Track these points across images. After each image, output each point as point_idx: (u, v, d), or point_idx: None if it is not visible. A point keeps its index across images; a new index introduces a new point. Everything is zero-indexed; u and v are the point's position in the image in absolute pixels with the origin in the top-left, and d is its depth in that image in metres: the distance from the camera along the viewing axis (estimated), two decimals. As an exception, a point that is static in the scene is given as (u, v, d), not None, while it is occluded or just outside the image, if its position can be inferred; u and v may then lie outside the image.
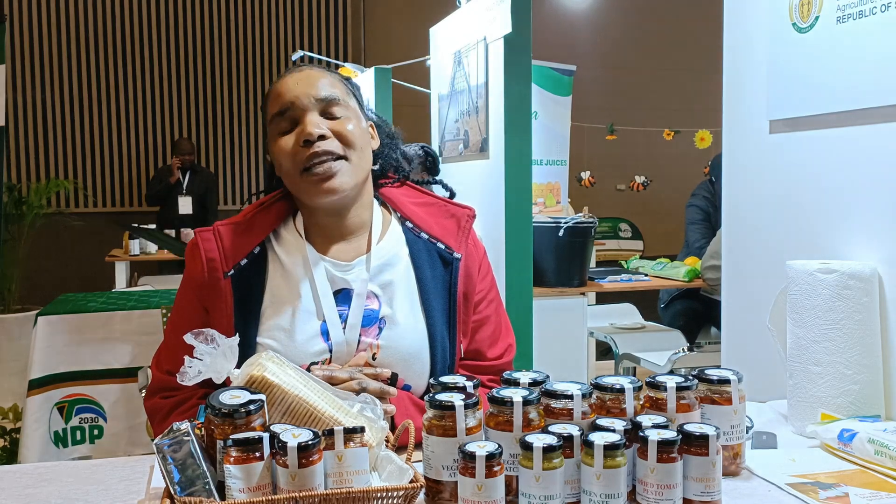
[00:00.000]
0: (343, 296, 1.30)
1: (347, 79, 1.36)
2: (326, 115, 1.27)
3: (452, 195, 1.47)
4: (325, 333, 1.27)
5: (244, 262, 1.29)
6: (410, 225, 1.37)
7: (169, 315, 1.37)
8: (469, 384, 1.08)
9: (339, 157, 1.25)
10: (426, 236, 1.36)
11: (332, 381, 1.17)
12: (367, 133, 1.33)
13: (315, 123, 1.24)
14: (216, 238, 1.30)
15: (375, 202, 1.38)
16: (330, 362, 1.26)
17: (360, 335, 1.28)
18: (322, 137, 1.24)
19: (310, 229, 1.33)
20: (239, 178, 7.38)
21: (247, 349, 1.23)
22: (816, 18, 1.62)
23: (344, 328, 1.28)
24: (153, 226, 5.66)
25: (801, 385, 1.38)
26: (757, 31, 1.83)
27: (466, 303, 1.35)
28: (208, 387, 1.19)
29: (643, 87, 7.78)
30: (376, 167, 1.39)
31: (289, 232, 1.34)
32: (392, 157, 1.41)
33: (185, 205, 6.33)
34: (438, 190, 1.50)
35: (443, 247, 1.35)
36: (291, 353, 1.24)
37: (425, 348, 1.30)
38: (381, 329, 1.29)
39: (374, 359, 1.27)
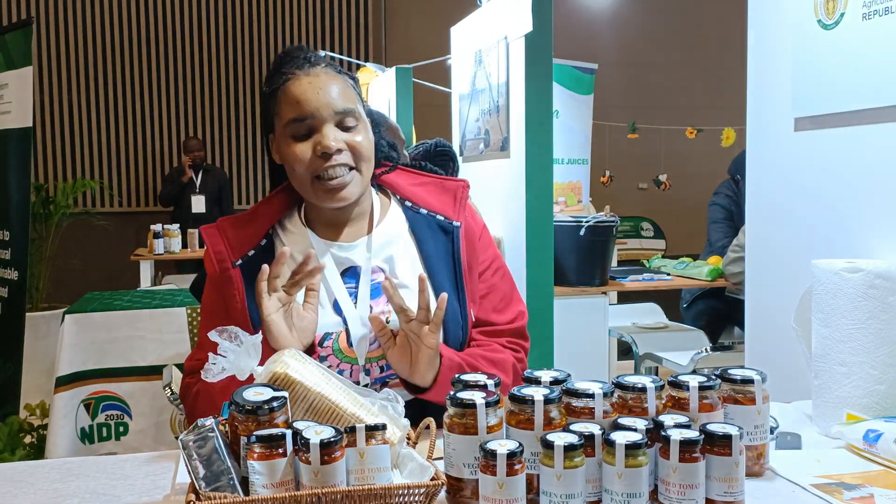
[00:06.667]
0: (350, 273, 1.38)
1: (352, 76, 1.41)
2: (341, 126, 1.32)
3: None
4: (339, 311, 1.35)
5: (252, 252, 1.36)
6: (410, 204, 1.45)
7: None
8: (490, 382, 1.08)
9: (351, 169, 1.32)
10: (425, 211, 1.44)
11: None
12: (371, 133, 1.38)
13: (333, 137, 1.30)
14: (220, 232, 1.38)
15: (373, 189, 1.45)
16: (348, 336, 1.32)
17: (370, 307, 1.35)
18: (338, 151, 1.30)
19: (314, 219, 1.41)
20: (254, 177, 7.42)
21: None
22: (842, 15, 1.60)
23: (355, 303, 1.34)
24: (176, 225, 5.70)
25: (827, 385, 1.37)
26: (782, 27, 1.81)
27: (471, 272, 1.41)
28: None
29: (665, 84, 7.72)
30: None
31: (293, 224, 1.41)
32: (382, 147, 1.47)
33: (199, 203, 6.36)
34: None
35: (442, 218, 1.43)
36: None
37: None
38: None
39: (387, 322, 1.32)
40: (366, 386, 1.33)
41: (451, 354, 1.31)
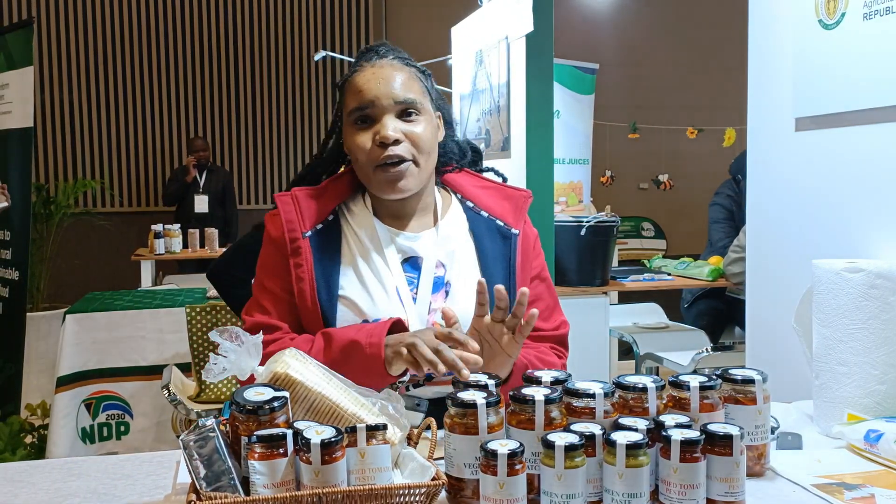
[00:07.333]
0: (411, 263, 1.38)
1: (422, 69, 1.41)
2: (403, 116, 1.33)
3: (505, 180, 1.54)
4: (400, 299, 1.34)
5: (320, 226, 1.37)
6: (471, 204, 1.46)
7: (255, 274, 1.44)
8: (491, 382, 1.08)
9: (409, 161, 1.32)
10: (486, 214, 1.44)
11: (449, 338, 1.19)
12: (436, 129, 1.39)
13: (392, 127, 1.31)
14: (294, 201, 1.37)
15: (437, 186, 1.46)
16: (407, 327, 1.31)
17: (430, 302, 1.35)
18: (396, 141, 1.31)
19: (377, 208, 1.41)
20: (255, 177, 7.42)
21: (330, 306, 1.32)
22: (843, 15, 1.60)
23: (415, 295, 1.34)
24: (177, 225, 5.70)
25: (827, 385, 1.37)
26: (782, 27, 1.81)
27: (524, 278, 1.41)
28: (298, 331, 1.33)
29: (666, 84, 7.71)
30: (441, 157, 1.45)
31: (358, 206, 1.42)
32: (451, 147, 1.48)
33: (202, 203, 6.33)
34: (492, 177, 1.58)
35: (501, 223, 1.43)
36: (372, 316, 1.31)
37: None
38: (447, 293, 1.36)
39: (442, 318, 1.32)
40: (404, 380, 1.32)
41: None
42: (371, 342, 1.22)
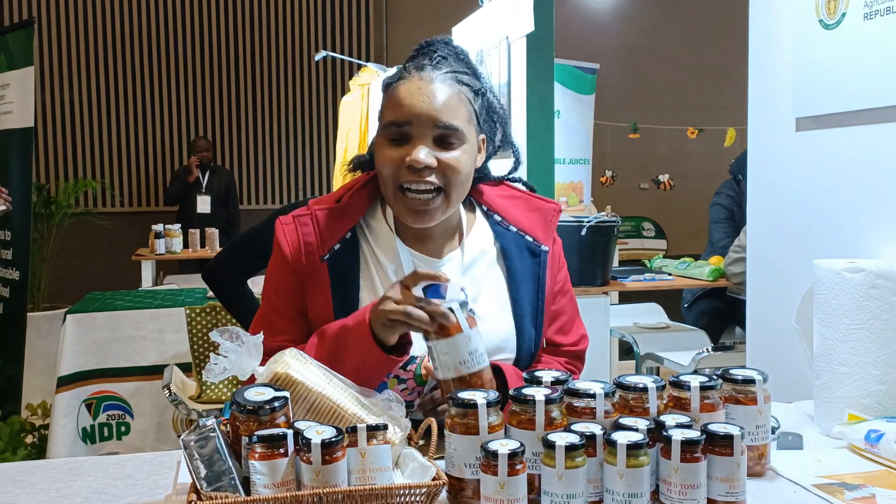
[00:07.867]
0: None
1: (475, 88, 1.29)
2: (440, 141, 1.23)
3: (533, 191, 1.46)
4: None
5: (338, 246, 1.29)
6: (498, 218, 1.38)
7: (263, 288, 1.36)
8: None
9: (437, 191, 1.24)
10: (514, 229, 1.36)
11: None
12: (475, 155, 1.30)
13: (426, 153, 1.21)
14: (313, 223, 1.30)
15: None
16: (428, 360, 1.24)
17: None
18: (427, 168, 1.21)
19: (399, 225, 1.33)
20: (256, 177, 7.42)
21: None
22: (843, 15, 1.60)
23: None
24: (178, 225, 5.70)
25: (828, 385, 1.37)
26: (783, 27, 1.81)
27: (550, 294, 1.37)
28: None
29: (667, 84, 7.71)
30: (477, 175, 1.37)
31: (378, 222, 1.34)
32: (487, 172, 1.40)
33: (204, 204, 6.33)
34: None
35: (531, 239, 1.36)
36: None
37: (512, 339, 1.31)
38: None
39: None
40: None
41: (511, 372, 1.27)
42: (357, 320, 1.18)
